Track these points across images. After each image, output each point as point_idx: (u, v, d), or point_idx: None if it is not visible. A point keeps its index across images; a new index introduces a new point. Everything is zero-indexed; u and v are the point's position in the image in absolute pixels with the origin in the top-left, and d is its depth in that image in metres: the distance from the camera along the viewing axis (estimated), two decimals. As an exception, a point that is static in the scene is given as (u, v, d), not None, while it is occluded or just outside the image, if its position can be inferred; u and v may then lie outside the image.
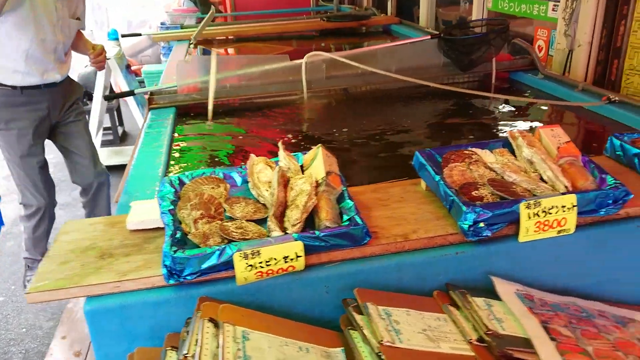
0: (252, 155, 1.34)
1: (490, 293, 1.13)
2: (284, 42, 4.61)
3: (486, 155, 1.41)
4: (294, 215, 1.12)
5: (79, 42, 2.72)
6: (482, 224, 1.15)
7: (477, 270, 1.20)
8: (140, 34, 4.78)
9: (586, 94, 2.29)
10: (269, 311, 1.08)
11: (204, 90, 2.51)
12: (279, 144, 1.33)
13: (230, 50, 4.16)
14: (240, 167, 1.34)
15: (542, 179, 1.29)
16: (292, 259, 1.08)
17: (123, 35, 4.52)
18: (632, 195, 1.22)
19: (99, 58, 2.73)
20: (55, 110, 2.61)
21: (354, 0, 6.50)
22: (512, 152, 1.42)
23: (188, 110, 2.49)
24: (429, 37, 2.66)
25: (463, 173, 1.32)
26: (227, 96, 2.51)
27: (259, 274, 1.07)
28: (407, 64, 2.68)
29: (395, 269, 1.16)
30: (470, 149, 1.43)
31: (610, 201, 1.21)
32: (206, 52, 3.56)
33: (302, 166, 1.32)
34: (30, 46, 2.41)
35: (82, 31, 2.77)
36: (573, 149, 1.34)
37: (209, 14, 2.64)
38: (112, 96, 2.71)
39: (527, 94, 2.59)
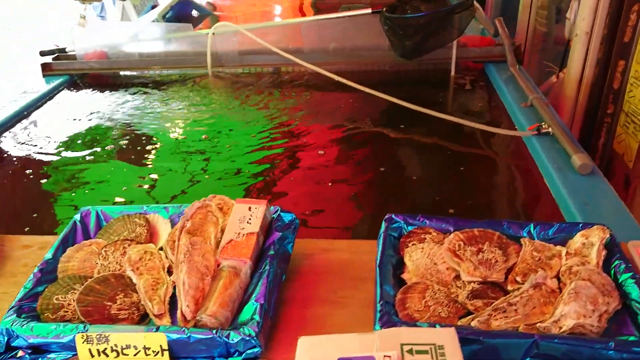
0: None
1: None
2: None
3: (163, 227, 1.01)
4: None
5: None
6: (21, 352, 0.82)
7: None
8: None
9: (529, 114, 1.64)
10: None
11: (110, 60, 2.27)
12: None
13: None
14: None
15: (182, 287, 0.89)
16: None
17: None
18: (257, 350, 0.78)
19: None
20: None
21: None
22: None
23: (92, 80, 2.27)
24: (370, 10, 2.09)
25: (87, 259, 0.95)
26: (119, 67, 2.24)
27: None
28: (347, 42, 2.17)
29: None
30: (151, 213, 1.03)
31: (232, 350, 0.79)
32: (186, 6, 3.24)
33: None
34: None
35: None
36: (244, 248, 0.89)
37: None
38: (46, 52, 2.55)
39: (484, 96, 1.96)
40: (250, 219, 0.94)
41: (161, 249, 0.96)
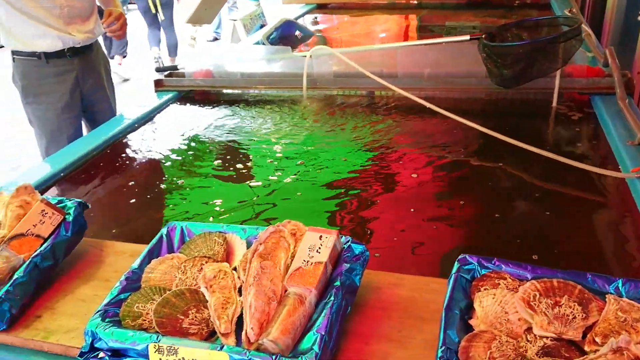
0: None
1: None
2: (414, 12, 4.10)
3: (239, 248, 1.06)
4: None
5: (107, 4, 2.44)
6: (102, 354, 0.89)
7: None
8: (275, -5, 4.77)
9: (636, 154, 1.51)
10: None
11: (214, 78, 2.42)
12: None
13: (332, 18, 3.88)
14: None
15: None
16: None
17: (260, -5, 4.58)
18: (312, 382, 0.78)
19: (112, 27, 2.34)
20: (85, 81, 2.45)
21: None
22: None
23: (198, 97, 2.44)
24: (468, 37, 2.04)
25: (168, 272, 1.01)
26: (222, 86, 2.38)
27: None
28: (442, 68, 2.14)
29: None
30: (229, 232, 1.08)
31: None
32: (290, 27, 3.35)
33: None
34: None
35: None
36: (311, 277, 0.91)
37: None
38: (162, 69, 2.77)
39: (588, 131, 1.84)
40: (319, 248, 0.95)
41: (235, 269, 1.01)
